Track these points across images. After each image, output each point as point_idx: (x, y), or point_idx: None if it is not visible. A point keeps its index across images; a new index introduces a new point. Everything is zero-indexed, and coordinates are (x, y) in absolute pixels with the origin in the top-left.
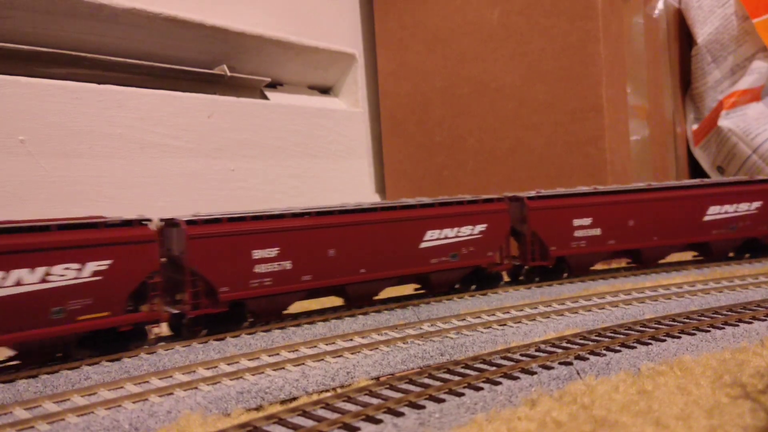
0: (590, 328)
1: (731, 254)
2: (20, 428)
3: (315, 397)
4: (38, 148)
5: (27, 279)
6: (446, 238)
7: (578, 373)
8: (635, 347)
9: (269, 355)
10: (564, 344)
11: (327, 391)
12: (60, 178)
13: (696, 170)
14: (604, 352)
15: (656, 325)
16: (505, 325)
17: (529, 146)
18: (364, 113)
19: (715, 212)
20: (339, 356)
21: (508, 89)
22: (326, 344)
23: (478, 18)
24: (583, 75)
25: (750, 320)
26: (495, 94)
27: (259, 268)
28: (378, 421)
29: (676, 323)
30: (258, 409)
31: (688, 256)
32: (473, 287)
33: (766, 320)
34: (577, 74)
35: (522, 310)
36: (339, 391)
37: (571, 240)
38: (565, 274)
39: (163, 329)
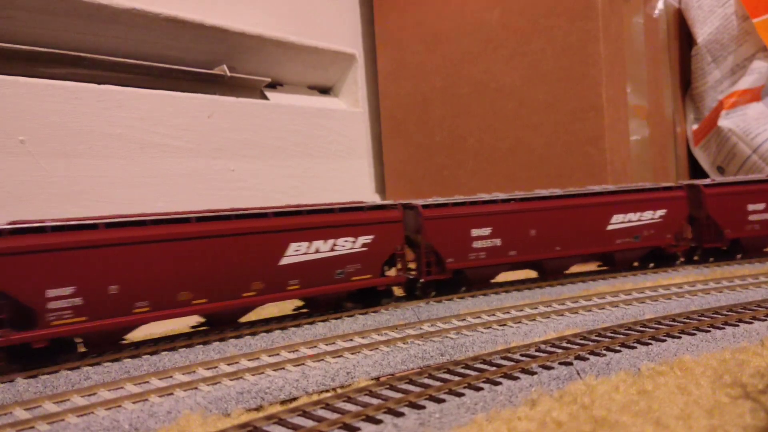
0: (590, 328)
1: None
2: (20, 428)
3: (315, 398)
4: (38, 148)
5: (322, 248)
6: (630, 221)
7: (578, 373)
8: (635, 347)
9: (269, 356)
10: (564, 344)
11: (327, 391)
12: (60, 178)
13: (696, 170)
14: (604, 352)
15: (656, 325)
16: (505, 325)
17: (529, 146)
18: (364, 113)
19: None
20: (339, 356)
21: (508, 89)
22: (326, 344)
23: (478, 18)
24: (583, 75)
25: (750, 320)
26: (495, 94)
27: (476, 244)
28: (378, 422)
29: (676, 323)
30: (258, 409)
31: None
32: (651, 265)
33: (766, 320)
34: (577, 74)
35: (522, 310)
36: (339, 391)
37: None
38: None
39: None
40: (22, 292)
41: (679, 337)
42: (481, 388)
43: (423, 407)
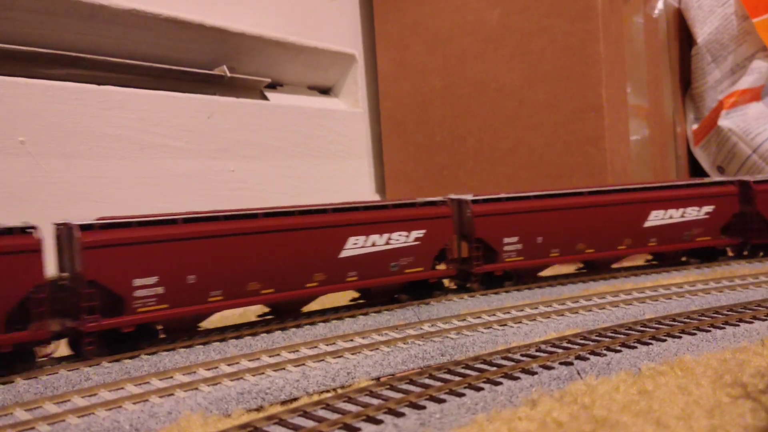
0: (591, 328)
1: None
2: (21, 429)
3: (315, 398)
4: (38, 149)
5: (378, 242)
6: (671, 218)
7: (579, 373)
8: (636, 347)
9: (270, 356)
10: (564, 344)
11: (327, 391)
12: (60, 179)
13: (696, 170)
14: (604, 352)
15: (657, 325)
16: (505, 325)
17: (529, 146)
18: (364, 113)
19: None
20: (339, 357)
21: (508, 89)
22: (327, 345)
23: (478, 18)
24: (583, 75)
25: (751, 320)
26: (495, 94)
27: (509, 240)
28: (378, 422)
29: (676, 323)
30: (258, 409)
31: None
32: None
33: (766, 320)
34: (577, 74)
35: (522, 311)
36: (339, 391)
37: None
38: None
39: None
40: (112, 282)
41: (680, 337)
42: (482, 389)
43: (423, 407)
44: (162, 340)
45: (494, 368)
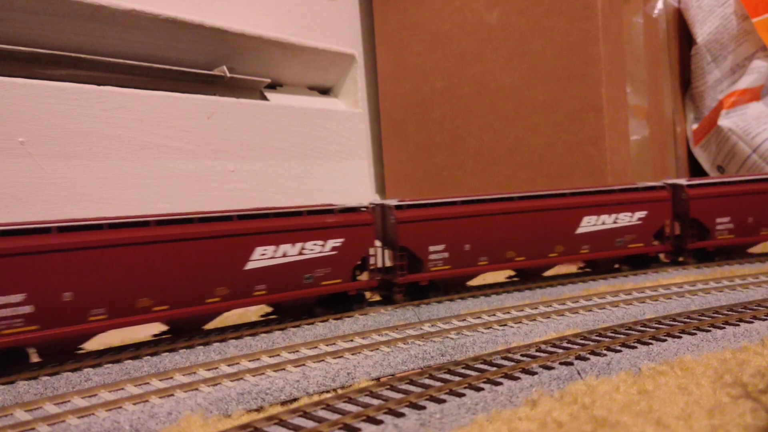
0: (591, 328)
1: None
2: (21, 430)
3: (316, 398)
4: (38, 149)
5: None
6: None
7: (579, 373)
8: (636, 347)
9: (270, 356)
10: (564, 344)
11: (328, 391)
12: (60, 179)
13: (696, 170)
14: (604, 352)
15: (657, 325)
16: (505, 325)
17: (529, 146)
18: (364, 114)
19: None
20: (340, 357)
21: (508, 89)
22: (327, 345)
23: (478, 18)
24: (583, 75)
25: (751, 320)
26: (495, 94)
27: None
28: (379, 422)
29: (676, 323)
30: (259, 410)
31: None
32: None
33: (766, 320)
34: (577, 74)
35: (522, 311)
36: (340, 391)
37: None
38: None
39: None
40: (416, 247)
41: (680, 337)
42: (482, 389)
43: (424, 408)
44: (162, 340)
45: (494, 368)
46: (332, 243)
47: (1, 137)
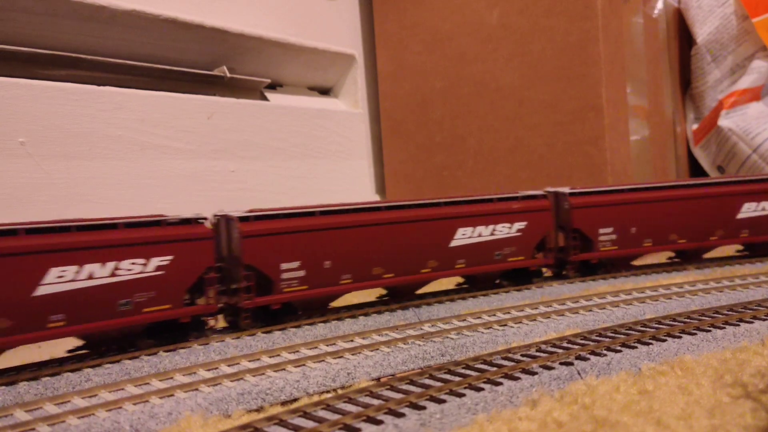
0: (591, 328)
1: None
2: (21, 430)
3: (316, 398)
4: (38, 150)
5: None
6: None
7: (579, 374)
8: (636, 347)
9: (270, 357)
10: (565, 344)
11: (328, 392)
12: (60, 179)
13: (696, 170)
14: (604, 352)
15: (657, 325)
16: (505, 325)
17: (529, 146)
18: (364, 114)
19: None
20: (340, 357)
21: (508, 89)
22: (327, 345)
23: (478, 18)
24: (583, 75)
25: (751, 320)
26: (495, 94)
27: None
28: (379, 422)
29: (676, 323)
30: (259, 410)
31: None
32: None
33: (767, 320)
34: (577, 74)
35: (522, 311)
36: (340, 392)
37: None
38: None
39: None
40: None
41: (680, 337)
42: (482, 389)
43: (424, 408)
44: (163, 340)
45: (494, 368)
46: (518, 225)
47: (1, 138)
